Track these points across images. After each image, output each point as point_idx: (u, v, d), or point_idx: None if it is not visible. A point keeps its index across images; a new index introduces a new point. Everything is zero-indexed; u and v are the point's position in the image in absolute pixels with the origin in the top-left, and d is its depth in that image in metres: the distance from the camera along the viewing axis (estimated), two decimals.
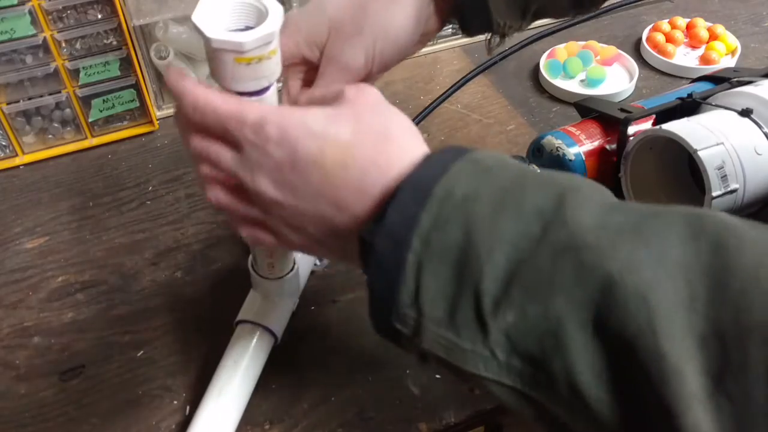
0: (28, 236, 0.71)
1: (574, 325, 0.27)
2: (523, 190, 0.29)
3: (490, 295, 0.28)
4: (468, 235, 0.28)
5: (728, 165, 0.57)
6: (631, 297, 0.25)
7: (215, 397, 0.53)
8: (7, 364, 0.60)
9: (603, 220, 0.28)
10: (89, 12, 0.74)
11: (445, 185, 0.30)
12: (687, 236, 0.26)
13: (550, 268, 0.27)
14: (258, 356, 0.56)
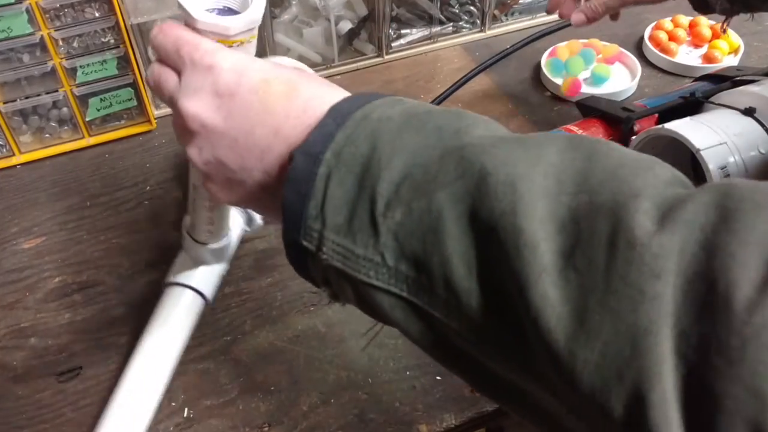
0: (24, 236, 0.71)
1: (452, 218, 0.28)
2: (431, 114, 0.32)
3: (383, 197, 0.30)
4: (374, 147, 0.30)
5: (731, 164, 0.56)
6: (501, 185, 0.27)
7: (143, 355, 0.54)
8: (3, 365, 0.59)
9: (492, 130, 0.31)
10: (86, 10, 0.73)
11: (364, 110, 0.32)
12: (565, 147, 0.29)
13: (437, 167, 0.29)
14: (190, 318, 0.57)
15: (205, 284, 0.60)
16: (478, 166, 0.28)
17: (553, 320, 0.25)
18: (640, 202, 0.26)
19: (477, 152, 0.29)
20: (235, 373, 0.58)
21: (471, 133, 0.30)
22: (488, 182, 0.28)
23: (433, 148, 0.30)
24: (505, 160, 0.28)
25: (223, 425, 0.55)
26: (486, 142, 0.29)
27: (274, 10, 0.87)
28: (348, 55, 0.94)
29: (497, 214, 0.27)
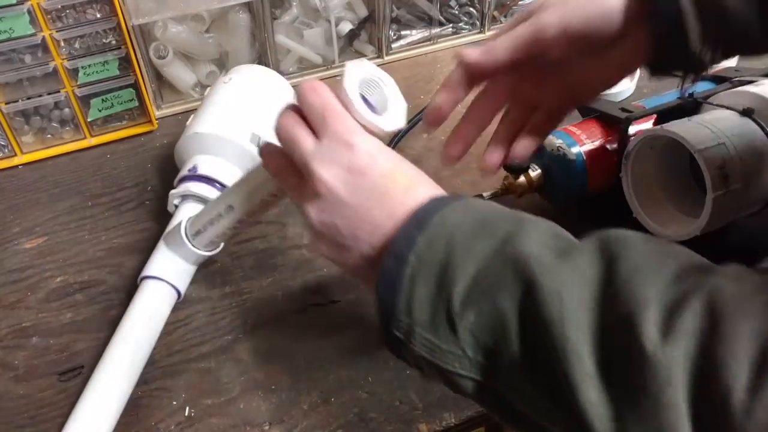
0: (26, 236, 0.71)
1: (514, 319, 0.34)
2: (496, 220, 0.38)
3: (458, 299, 0.35)
4: (449, 253, 0.36)
5: (729, 165, 0.56)
6: (548, 294, 0.33)
7: (120, 344, 0.57)
8: (5, 364, 0.60)
9: (543, 241, 0.36)
10: (88, 11, 0.73)
11: (440, 216, 0.38)
12: (594, 257, 0.34)
13: (500, 273, 0.35)
14: (164, 311, 0.60)
15: (183, 282, 0.62)
16: (528, 274, 0.34)
17: (596, 420, 0.31)
18: (648, 313, 0.31)
19: (530, 263, 0.34)
20: (236, 373, 0.58)
21: (525, 242, 0.35)
22: (538, 290, 0.33)
23: (496, 255, 0.36)
24: (550, 269, 0.34)
25: (223, 424, 0.55)
26: (535, 252, 0.35)
27: (275, 11, 0.87)
28: (348, 56, 0.94)
29: (548, 321, 0.32)
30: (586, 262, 0.34)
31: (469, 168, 0.78)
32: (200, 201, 0.65)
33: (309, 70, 0.92)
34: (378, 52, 0.94)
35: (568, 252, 0.35)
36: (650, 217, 0.63)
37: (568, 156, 0.65)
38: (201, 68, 0.86)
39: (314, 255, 0.68)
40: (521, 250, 0.35)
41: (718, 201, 0.56)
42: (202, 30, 0.84)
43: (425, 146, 0.81)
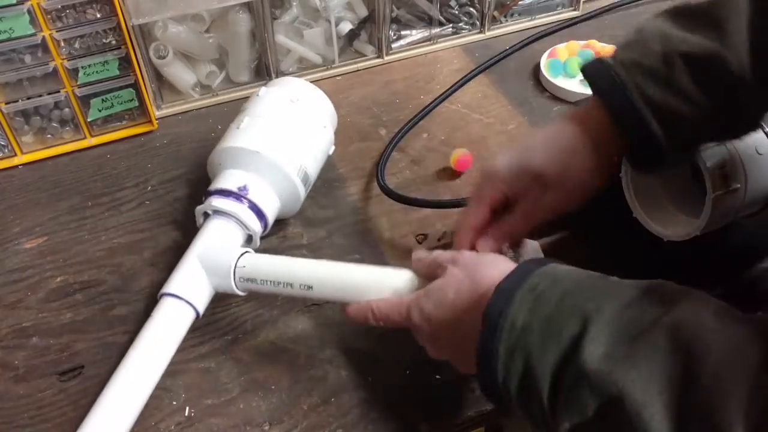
0: (26, 236, 0.71)
1: (598, 426, 0.37)
2: (559, 318, 0.40)
3: (549, 409, 0.39)
4: (527, 366, 0.40)
5: (729, 164, 0.56)
6: (629, 415, 0.35)
7: (140, 361, 0.56)
8: (5, 364, 0.60)
9: (608, 346, 0.37)
10: (88, 11, 0.73)
11: (509, 319, 0.42)
12: (667, 351, 0.35)
13: (576, 394, 0.37)
14: (183, 333, 0.59)
15: (204, 306, 0.60)
16: (605, 393, 0.36)
17: None
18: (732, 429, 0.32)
19: (603, 381, 0.36)
20: (236, 373, 0.58)
21: (592, 351, 0.37)
22: (620, 408, 0.35)
23: (567, 368, 0.38)
24: (623, 383, 0.35)
25: (223, 424, 0.55)
26: (605, 370, 0.36)
27: (275, 11, 0.87)
28: (348, 56, 0.94)
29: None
30: (660, 359, 0.35)
31: (470, 169, 0.78)
32: (236, 222, 0.63)
33: (309, 70, 0.92)
34: (378, 52, 0.94)
35: (639, 352, 0.36)
36: (650, 216, 0.63)
37: None
38: (201, 68, 0.86)
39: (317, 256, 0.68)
40: (590, 365, 0.37)
41: (718, 201, 0.56)
42: (202, 30, 0.84)
43: (425, 146, 0.81)
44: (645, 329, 0.37)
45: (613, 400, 0.35)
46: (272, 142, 0.66)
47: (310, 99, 0.73)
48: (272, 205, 0.66)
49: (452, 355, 0.50)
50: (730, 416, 0.32)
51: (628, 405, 0.35)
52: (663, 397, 0.34)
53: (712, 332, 0.36)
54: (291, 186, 0.67)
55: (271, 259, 0.59)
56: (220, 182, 0.65)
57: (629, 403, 0.35)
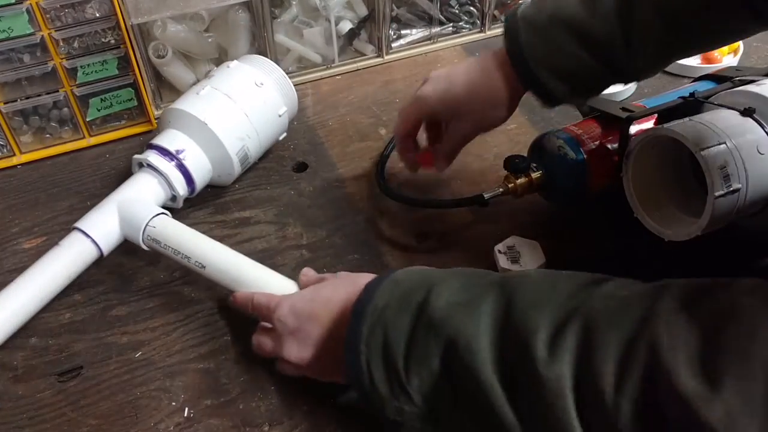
0: (25, 236, 0.71)
1: (441, 373, 0.43)
2: (412, 291, 0.46)
3: (402, 371, 0.44)
4: (386, 335, 0.45)
5: (731, 164, 0.56)
6: (462, 348, 0.41)
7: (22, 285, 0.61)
8: (4, 365, 0.59)
9: (451, 299, 0.44)
10: (87, 10, 0.73)
11: (373, 303, 0.46)
12: (497, 296, 0.43)
13: (423, 342, 0.43)
14: (80, 266, 0.64)
15: (108, 246, 0.65)
16: (443, 337, 0.42)
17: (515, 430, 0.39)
18: (537, 336, 0.38)
19: (442, 325, 0.43)
20: (236, 373, 0.58)
21: (435, 306, 0.44)
22: (453, 346, 0.42)
23: (416, 326, 0.44)
24: (459, 327, 0.42)
25: (223, 425, 0.55)
26: (444, 315, 0.43)
27: (275, 10, 0.87)
28: (348, 55, 0.94)
29: (466, 368, 0.41)
30: (489, 306, 0.42)
31: (468, 168, 0.78)
32: (165, 181, 0.68)
33: (309, 69, 0.92)
34: (378, 51, 0.93)
35: (473, 302, 0.43)
36: (651, 217, 0.63)
37: (568, 156, 0.65)
38: (200, 67, 0.86)
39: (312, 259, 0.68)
40: (433, 315, 0.43)
41: (720, 201, 0.56)
42: (202, 29, 0.84)
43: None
44: (481, 285, 0.44)
45: (450, 342, 0.42)
46: (222, 118, 0.71)
47: (276, 86, 0.76)
48: (204, 175, 0.71)
49: (314, 353, 0.51)
50: (535, 340, 0.38)
51: (462, 344, 0.41)
52: (488, 334, 0.41)
53: (531, 281, 0.43)
54: (228, 162, 0.71)
55: (180, 230, 0.64)
56: (162, 139, 0.70)
57: (463, 343, 0.41)
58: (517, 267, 0.60)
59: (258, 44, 0.86)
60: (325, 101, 0.88)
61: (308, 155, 0.80)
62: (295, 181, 0.77)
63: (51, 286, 0.62)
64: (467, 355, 0.41)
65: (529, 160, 0.67)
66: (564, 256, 0.67)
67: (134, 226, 0.64)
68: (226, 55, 0.87)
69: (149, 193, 0.68)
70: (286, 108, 0.77)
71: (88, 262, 0.64)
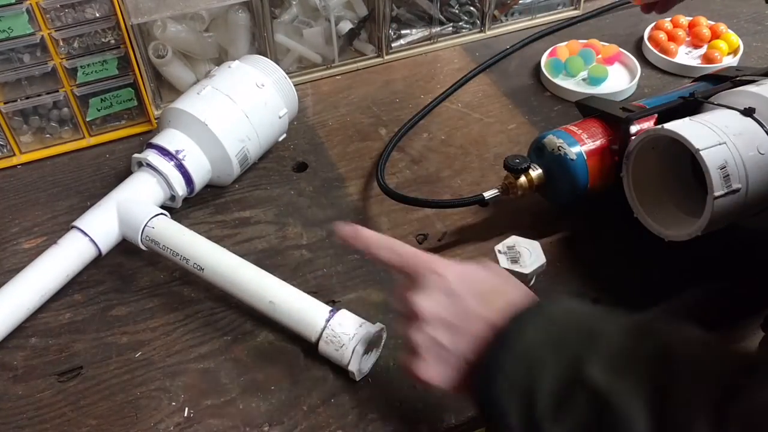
0: (25, 236, 0.71)
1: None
2: (568, 337, 0.43)
3: (543, 415, 0.41)
4: (530, 376, 0.42)
5: (731, 165, 0.56)
6: (617, 418, 0.39)
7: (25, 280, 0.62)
8: (4, 365, 0.59)
9: (607, 365, 0.40)
10: (87, 10, 0.73)
11: (521, 340, 0.43)
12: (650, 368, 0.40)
13: (569, 397, 0.40)
14: (79, 265, 0.64)
15: (107, 245, 0.65)
16: (595, 401, 0.39)
17: None
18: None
19: (599, 393, 0.39)
20: (236, 373, 0.58)
21: (590, 369, 0.40)
22: (606, 415, 0.39)
23: (566, 380, 0.41)
24: (609, 397, 0.39)
25: (223, 425, 0.55)
26: (603, 385, 0.40)
27: (275, 10, 0.87)
28: (348, 55, 0.94)
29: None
30: (647, 375, 0.39)
31: (469, 167, 0.78)
32: (164, 181, 0.68)
33: (309, 69, 0.91)
34: (378, 51, 0.93)
35: (624, 374, 0.40)
36: (651, 217, 0.63)
37: (568, 156, 0.65)
38: (200, 67, 0.86)
39: (312, 259, 0.68)
40: (588, 380, 0.40)
41: (720, 201, 0.56)
42: (202, 29, 0.84)
43: (425, 146, 0.81)
44: (638, 358, 0.41)
45: (604, 405, 0.39)
46: (222, 119, 0.71)
47: (277, 87, 0.76)
48: (203, 175, 0.71)
49: (461, 325, 0.46)
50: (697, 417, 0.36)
51: (617, 409, 0.38)
52: (645, 401, 0.38)
53: (688, 347, 0.41)
54: (227, 163, 0.72)
55: (179, 231, 0.63)
56: (161, 139, 0.70)
57: (617, 409, 0.38)
58: (517, 267, 0.60)
59: (258, 44, 0.86)
60: (325, 101, 0.88)
61: (308, 155, 0.80)
62: (295, 181, 0.77)
63: (49, 284, 0.62)
64: (622, 422, 0.38)
65: (529, 160, 0.67)
66: (564, 256, 0.67)
67: (133, 227, 0.64)
68: (226, 55, 0.87)
69: (148, 193, 0.68)
70: (286, 109, 0.77)
71: (87, 261, 0.64)
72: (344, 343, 0.55)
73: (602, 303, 0.62)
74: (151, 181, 0.68)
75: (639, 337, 0.42)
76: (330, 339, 0.56)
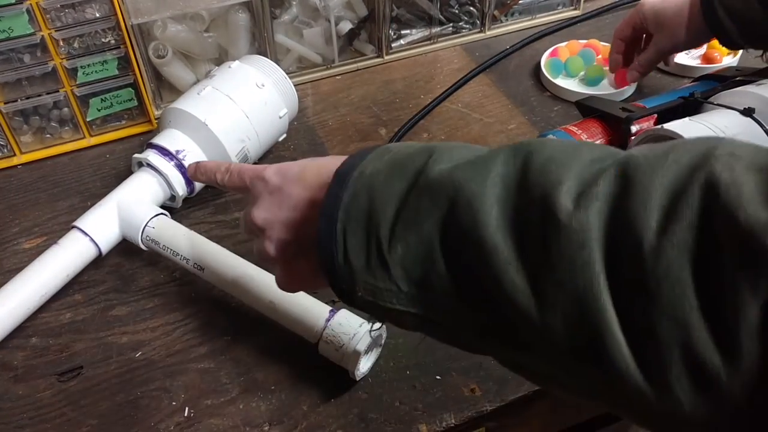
0: (26, 236, 0.71)
1: (437, 242, 0.35)
2: (409, 157, 0.39)
3: (385, 238, 0.37)
4: (371, 199, 0.38)
5: None
6: (461, 207, 0.34)
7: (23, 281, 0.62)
8: (4, 364, 0.59)
9: (455, 159, 0.37)
10: (87, 10, 0.73)
11: (359, 169, 0.39)
12: (508, 156, 0.35)
13: (417, 204, 0.36)
14: (79, 264, 0.65)
15: (107, 245, 0.65)
16: (443, 196, 0.35)
17: (525, 301, 0.31)
18: (561, 188, 0.32)
19: (442, 184, 0.36)
20: (236, 373, 0.58)
21: (436, 168, 0.37)
22: (454, 207, 0.35)
23: (411, 189, 0.37)
24: (462, 184, 0.35)
25: (223, 424, 0.55)
26: (446, 174, 0.36)
27: (275, 10, 0.87)
28: (348, 55, 0.94)
29: (464, 231, 0.34)
30: (501, 163, 0.35)
31: None
32: (165, 181, 0.68)
33: (309, 69, 0.92)
34: (378, 51, 0.93)
35: (482, 160, 0.36)
36: None
37: None
38: (200, 67, 0.86)
39: None
40: (433, 177, 0.36)
41: None
42: (202, 29, 0.84)
43: None
44: (492, 150, 0.37)
45: (449, 202, 0.35)
46: (222, 119, 0.71)
47: (277, 87, 0.76)
48: None
49: (289, 216, 0.44)
50: (557, 192, 0.32)
51: (463, 203, 0.34)
52: (495, 193, 0.34)
53: (550, 143, 0.36)
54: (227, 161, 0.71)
55: (179, 231, 0.64)
56: (162, 139, 0.70)
57: (463, 201, 0.34)
58: None
59: (258, 44, 0.86)
60: (325, 101, 0.88)
61: (308, 155, 0.80)
62: None
63: (50, 284, 0.62)
64: (468, 213, 0.34)
65: None
66: None
67: (133, 226, 0.64)
68: (226, 55, 0.87)
69: (148, 193, 0.68)
70: (286, 110, 0.77)
71: (87, 261, 0.65)
72: (344, 343, 0.55)
73: None
74: (151, 181, 0.68)
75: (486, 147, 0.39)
76: (330, 339, 0.56)
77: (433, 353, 0.59)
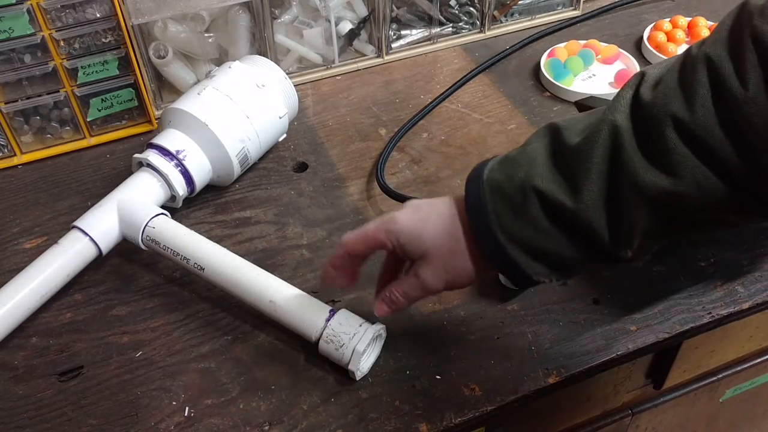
0: (26, 236, 0.71)
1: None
2: (522, 153, 0.50)
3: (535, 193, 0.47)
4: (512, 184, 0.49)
5: None
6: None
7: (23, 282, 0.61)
8: (5, 364, 0.60)
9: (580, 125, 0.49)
10: (88, 11, 0.73)
11: (488, 172, 0.51)
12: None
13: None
14: (80, 264, 0.64)
15: (107, 245, 0.65)
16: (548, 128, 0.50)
17: None
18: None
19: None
20: (236, 373, 0.58)
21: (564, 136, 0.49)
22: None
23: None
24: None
25: (223, 424, 0.55)
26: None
27: (275, 10, 0.87)
28: (348, 55, 0.94)
29: None
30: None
31: (468, 167, 0.77)
32: (165, 181, 0.68)
33: (309, 69, 0.92)
34: (378, 51, 0.94)
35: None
36: None
37: None
38: (200, 68, 0.86)
39: (312, 259, 0.68)
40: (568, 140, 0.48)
41: None
42: (202, 30, 0.84)
43: (425, 146, 0.81)
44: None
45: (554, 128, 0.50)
46: (223, 119, 0.71)
47: (277, 87, 0.76)
48: (204, 175, 0.72)
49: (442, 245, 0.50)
50: None
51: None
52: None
53: None
54: (228, 164, 0.72)
55: (179, 231, 0.64)
56: (162, 139, 0.70)
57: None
58: None
59: (258, 44, 0.87)
60: (325, 101, 0.88)
61: (308, 155, 0.80)
62: (295, 181, 0.77)
63: (50, 284, 0.62)
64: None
65: None
66: None
67: (133, 226, 0.64)
68: (226, 55, 0.87)
69: (149, 193, 0.68)
70: (286, 110, 0.77)
71: (87, 261, 0.65)
72: (344, 343, 0.55)
73: (602, 303, 0.62)
74: (151, 181, 0.68)
75: None
76: (330, 339, 0.56)
77: (433, 353, 0.59)
